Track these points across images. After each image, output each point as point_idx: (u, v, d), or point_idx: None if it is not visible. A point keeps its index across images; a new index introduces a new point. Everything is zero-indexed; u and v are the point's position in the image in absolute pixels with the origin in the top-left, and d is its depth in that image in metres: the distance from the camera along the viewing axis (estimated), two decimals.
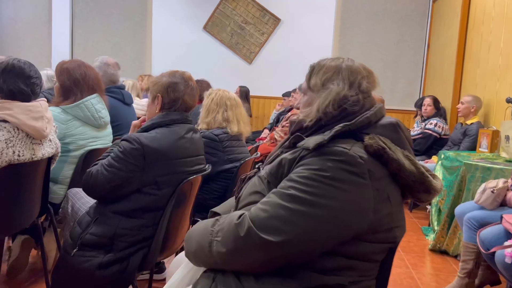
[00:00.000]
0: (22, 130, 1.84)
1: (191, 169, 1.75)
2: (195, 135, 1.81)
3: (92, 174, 1.65)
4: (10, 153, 1.79)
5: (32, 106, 1.86)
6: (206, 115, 2.38)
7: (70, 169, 2.34)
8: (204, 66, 6.59)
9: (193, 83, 1.79)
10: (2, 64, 1.84)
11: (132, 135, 1.62)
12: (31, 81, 1.87)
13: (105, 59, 2.97)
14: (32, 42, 6.95)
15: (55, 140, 2.07)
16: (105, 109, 2.49)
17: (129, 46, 6.87)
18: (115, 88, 2.96)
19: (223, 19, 6.84)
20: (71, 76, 2.36)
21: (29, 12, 6.90)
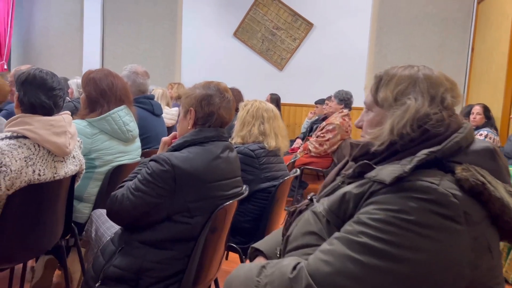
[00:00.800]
0: (43, 147, 1.68)
1: (227, 194, 1.54)
2: (232, 154, 1.60)
3: (117, 198, 1.47)
4: (30, 172, 1.64)
5: (54, 120, 1.71)
6: (241, 128, 2.17)
7: (95, 186, 2.18)
8: (234, 74, 6.43)
9: (229, 95, 1.59)
10: (23, 75, 1.70)
11: (162, 155, 1.43)
12: (53, 93, 1.71)
13: (133, 68, 2.82)
14: (64, 51, 6.97)
15: (79, 157, 1.91)
16: (133, 121, 2.33)
17: (158, 54, 6.79)
18: (144, 98, 2.80)
19: (253, 25, 6.67)
20: (98, 87, 2.21)
21: (62, 21, 6.93)
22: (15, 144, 1.61)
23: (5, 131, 1.67)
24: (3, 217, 1.65)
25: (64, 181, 1.83)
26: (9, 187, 1.59)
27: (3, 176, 1.55)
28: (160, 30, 6.77)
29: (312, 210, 0.99)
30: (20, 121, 1.66)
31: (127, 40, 6.84)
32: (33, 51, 7.08)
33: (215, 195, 1.49)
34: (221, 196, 1.51)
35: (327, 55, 6.40)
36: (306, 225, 0.97)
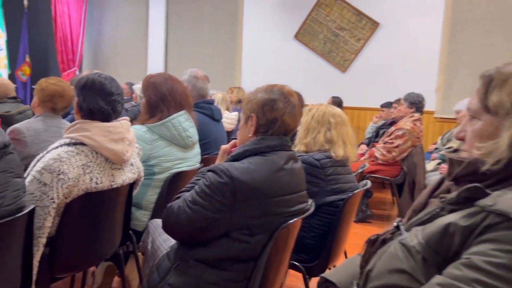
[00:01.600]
0: (101, 154, 1.63)
1: (291, 210, 1.38)
2: (296, 165, 1.44)
3: (173, 211, 1.36)
4: (87, 180, 1.59)
5: (112, 126, 1.65)
6: (305, 134, 1.99)
7: (154, 193, 2.12)
8: (294, 77, 6.26)
9: (294, 100, 1.43)
10: (82, 79, 1.66)
11: (221, 166, 1.30)
12: (112, 98, 1.66)
13: (194, 72, 2.76)
14: (129, 57, 7.23)
15: (137, 164, 1.85)
16: (193, 127, 2.25)
17: (219, 58, 6.81)
18: (204, 103, 2.73)
19: (315, 26, 6.46)
20: (158, 91, 2.15)
21: (128, 29, 7.19)
22: (73, 151, 1.57)
23: (64, 137, 1.64)
24: (62, 225, 1.61)
25: (121, 189, 1.77)
26: (67, 195, 1.55)
27: (61, 184, 1.51)
28: (221, 34, 6.78)
29: (401, 242, 0.80)
30: (79, 127, 1.62)
31: (189, 46, 6.93)
32: (102, 58, 7.42)
33: (277, 211, 1.33)
34: (284, 213, 1.35)
35: (394, 56, 6.03)
36: (393, 260, 0.78)
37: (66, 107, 2.39)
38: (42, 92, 2.35)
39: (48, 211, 1.51)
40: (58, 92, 2.32)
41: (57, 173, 1.50)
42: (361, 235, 3.65)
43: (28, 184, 1.52)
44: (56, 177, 1.50)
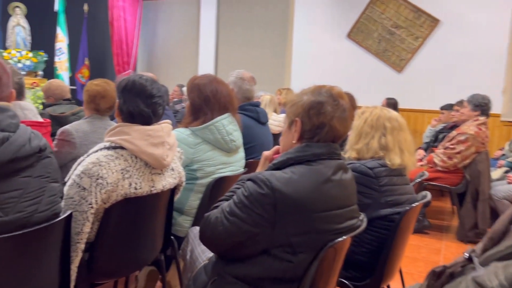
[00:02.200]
0: (140, 159, 1.58)
1: (339, 227, 1.23)
2: (346, 176, 1.29)
3: (211, 221, 1.26)
4: (126, 185, 1.54)
5: (152, 130, 1.59)
6: (356, 140, 1.83)
7: (196, 198, 2.05)
8: (347, 77, 6.03)
9: (344, 103, 1.28)
10: (123, 81, 1.62)
11: (261, 175, 1.18)
12: (152, 100, 1.60)
13: (240, 74, 2.68)
14: (181, 59, 7.34)
15: (178, 169, 1.78)
16: (237, 130, 2.16)
17: (269, 59, 6.72)
18: (249, 105, 2.63)
19: (369, 24, 6.18)
20: (202, 94, 2.08)
21: (180, 31, 7.30)
22: (112, 155, 1.52)
23: (105, 140, 1.61)
24: (101, 231, 1.58)
25: (162, 194, 1.71)
26: (105, 200, 1.51)
27: (100, 189, 1.47)
28: (271, 35, 6.69)
29: (476, 280, 0.64)
30: (119, 131, 1.57)
31: (239, 47, 6.91)
32: (155, 60, 7.59)
33: (324, 228, 1.19)
34: (331, 230, 1.21)
35: (456, 54, 5.62)
36: None
37: (109, 108, 2.39)
38: (86, 93, 2.37)
39: (86, 217, 1.47)
40: (100, 93, 2.32)
41: (96, 177, 1.47)
42: (416, 247, 3.39)
43: (68, 188, 1.49)
44: (95, 181, 1.46)
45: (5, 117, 1.13)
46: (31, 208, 1.17)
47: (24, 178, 1.16)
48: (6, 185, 1.11)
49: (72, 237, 1.46)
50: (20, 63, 6.94)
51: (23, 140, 1.14)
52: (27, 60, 7.01)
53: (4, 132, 1.11)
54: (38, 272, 1.26)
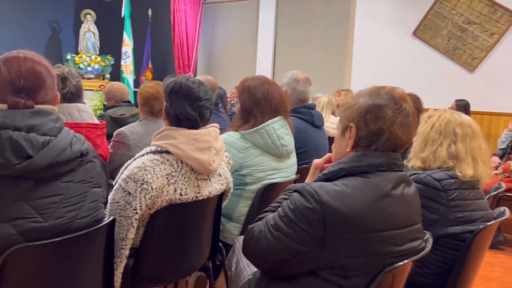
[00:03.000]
0: (186, 164, 1.52)
1: (399, 249, 1.07)
2: (409, 190, 1.13)
3: (254, 234, 1.17)
4: (171, 191, 1.49)
5: (198, 134, 1.53)
6: (422, 147, 1.63)
7: (246, 205, 1.97)
8: (412, 78, 5.67)
9: (408, 106, 1.12)
10: (170, 84, 1.57)
11: (309, 186, 1.06)
12: (199, 103, 1.54)
13: (294, 74, 2.56)
14: (239, 61, 7.34)
15: (225, 175, 1.71)
16: (289, 134, 2.05)
17: (329, 59, 6.51)
18: (303, 107, 2.51)
19: (438, 21, 5.76)
20: (252, 96, 2.00)
21: (239, 32, 7.31)
22: (158, 160, 1.48)
23: (151, 144, 1.57)
24: (146, 237, 1.55)
25: (209, 200, 1.65)
26: (150, 206, 1.47)
27: (144, 195, 1.43)
28: (332, 34, 6.47)
29: None
30: (165, 135, 1.53)
31: (297, 47, 6.77)
32: (214, 62, 7.68)
33: (381, 250, 1.04)
34: (390, 253, 1.05)
35: None
36: None
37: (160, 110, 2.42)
38: (140, 96, 2.40)
39: (131, 222, 1.44)
40: (153, 95, 2.35)
41: (141, 182, 1.43)
42: (490, 265, 3.06)
43: (114, 192, 1.47)
44: (140, 186, 1.43)
45: (47, 121, 1.12)
46: (72, 214, 1.14)
47: (65, 183, 1.14)
48: (46, 190, 1.10)
49: (116, 243, 1.44)
50: (90, 67, 7.35)
51: (64, 144, 1.12)
52: (96, 64, 7.41)
53: (45, 136, 1.10)
54: (80, 279, 1.24)
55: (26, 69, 1.12)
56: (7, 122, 1.04)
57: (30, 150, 1.05)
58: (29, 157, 1.05)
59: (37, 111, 1.11)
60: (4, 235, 1.03)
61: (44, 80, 1.15)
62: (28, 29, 7.33)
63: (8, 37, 6.97)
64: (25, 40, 7.25)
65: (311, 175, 1.31)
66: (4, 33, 6.91)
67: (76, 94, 2.20)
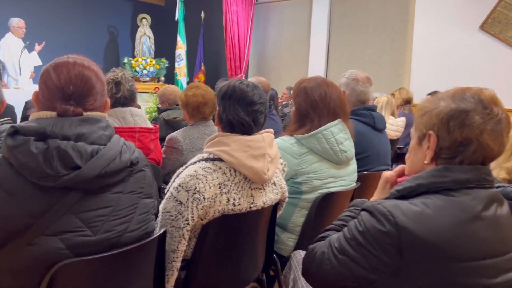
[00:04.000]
0: (239, 172, 1.42)
1: (492, 283, 0.89)
2: (502, 211, 0.94)
3: (316, 256, 1.04)
4: (224, 201, 1.40)
5: (252, 141, 1.43)
6: (507, 156, 1.42)
7: (301, 215, 1.85)
8: (479, 76, 5.24)
9: (500, 111, 0.94)
10: (223, 87, 1.49)
11: (380, 206, 0.92)
12: (253, 108, 1.44)
13: (353, 74, 2.39)
14: (291, 61, 7.20)
15: (280, 183, 1.59)
16: (349, 139, 1.90)
17: (386, 57, 6.19)
18: (364, 109, 2.33)
19: (509, 13, 5.28)
20: (309, 98, 1.87)
21: (291, 32, 7.17)
22: (210, 168, 1.40)
23: (203, 151, 1.49)
24: (198, 248, 1.47)
25: (263, 211, 1.54)
26: (202, 216, 1.39)
27: (196, 205, 1.35)
28: (389, 31, 6.15)
29: None
30: (217, 141, 1.44)
31: (352, 46, 6.51)
32: (266, 63, 7.60)
33: (469, 283, 0.87)
34: (480, 286, 0.88)
35: None
36: None
37: (213, 110, 2.43)
38: (187, 107, 2.39)
39: (182, 234, 1.37)
40: (201, 103, 2.36)
41: (193, 191, 1.35)
42: None
43: (166, 201, 1.41)
44: (192, 196, 1.35)
45: (96, 129, 1.06)
46: (121, 227, 1.08)
47: (115, 194, 1.08)
48: (95, 202, 1.04)
49: (167, 255, 1.37)
50: (145, 70, 7.55)
51: (113, 153, 1.06)
52: (151, 67, 7.60)
53: (94, 145, 1.04)
54: None
55: (75, 74, 1.07)
56: (56, 130, 1.00)
57: (79, 160, 0.99)
58: (77, 167, 1.00)
59: (86, 119, 1.06)
60: (53, 249, 0.98)
61: (93, 86, 1.10)
62: (88, 34, 7.67)
63: (69, 42, 7.33)
64: (85, 45, 7.59)
65: (380, 190, 1.16)
66: (66, 39, 7.26)
67: (130, 98, 2.19)
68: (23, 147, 0.96)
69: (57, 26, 7.15)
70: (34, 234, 0.97)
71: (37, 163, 0.95)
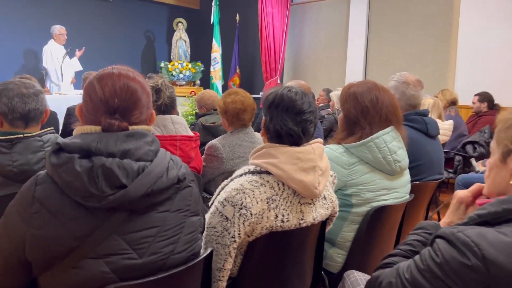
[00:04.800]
0: (288, 186, 1.33)
1: None
2: None
3: (381, 286, 0.93)
4: (272, 217, 1.31)
5: (302, 152, 1.33)
6: None
7: (351, 230, 1.73)
8: None
9: None
10: (270, 95, 1.40)
11: (462, 234, 0.79)
12: (303, 117, 1.34)
13: (403, 77, 2.24)
14: (328, 62, 7.03)
15: (331, 197, 1.49)
16: (402, 148, 1.76)
17: (428, 56, 5.91)
18: (415, 114, 2.18)
19: None
20: (359, 104, 1.75)
21: (328, 33, 7.01)
22: (257, 182, 1.31)
23: (249, 162, 1.41)
24: (244, 265, 1.39)
25: (312, 227, 1.44)
26: (249, 233, 1.31)
27: (243, 221, 1.27)
28: (432, 29, 5.87)
29: None
30: (265, 153, 1.36)
31: (392, 45, 6.27)
32: (301, 64, 7.46)
33: None
34: None
35: None
36: None
37: (252, 116, 2.40)
38: (226, 114, 2.33)
39: (228, 251, 1.29)
40: (240, 109, 2.31)
41: (239, 207, 1.27)
42: None
43: (211, 216, 1.34)
44: (238, 211, 1.27)
45: (142, 144, 1.00)
46: (168, 248, 1.01)
47: (161, 214, 1.02)
48: (141, 222, 0.98)
49: (213, 273, 1.30)
50: (181, 74, 7.60)
51: (160, 170, 1.00)
52: (187, 70, 7.64)
53: (140, 161, 0.98)
54: None
55: (120, 86, 1.01)
56: (101, 147, 0.94)
57: (124, 179, 0.93)
58: (123, 186, 0.93)
59: (132, 134, 0.99)
60: (98, 273, 0.92)
61: (139, 98, 1.04)
62: (126, 39, 7.81)
63: (109, 47, 7.50)
64: (123, 50, 7.75)
65: (453, 211, 1.03)
66: (104, 44, 7.43)
67: (170, 106, 2.15)
68: (67, 166, 0.91)
69: (96, 32, 7.33)
70: (79, 257, 0.92)
71: (82, 182, 0.90)
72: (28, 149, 1.58)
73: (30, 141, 1.60)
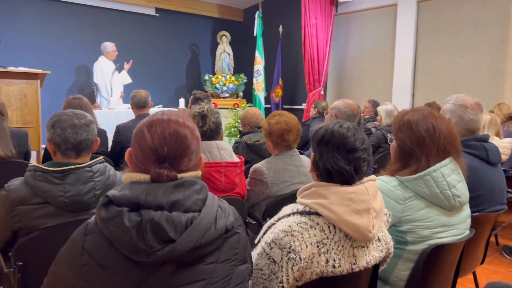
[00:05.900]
0: (340, 229, 1.26)
1: None
2: None
3: None
4: (323, 262, 1.24)
5: (354, 193, 1.26)
6: None
7: (406, 268, 1.62)
8: None
9: None
10: (320, 131, 1.33)
11: None
12: (355, 155, 1.27)
13: (460, 99, 2.10)
14: (375, 73, 6.84)
15: (385, 238, 1.39)
16: (462, 181, 1.64)
17: (482, 66, 5.59)
18: (474, 140, 2.04)
19: None
20: (414, 134, 1.64)
21: (374, 43, 6.82)
22: (307, 223, 1.25)
23: (297, 201, 1.35)
24: None
25: (365, 271, 1.36)
26: (298, 278, 1.25)
27: (291, 265, 1.21)
28: (486, 38, 5.55)
29: None
30: (314, 192, 1.29)
31: (442, 55, 5.98)
32: (346, 75, 7.31)
33: None
34: None
35: None
36: None
37: (297, 136, 2.35)
38: (271, 135, 2.29)
39: None
40: (285, 130, 2.29)
41: (288, 250, 1.22)
42: None
43: (258, 257, 1.29)
44: (286, 255, 1.22)
45: (191, 193, 0.97)
46: None
47: (209, 265, 0.98)
48: (188, 276, 0.95)
49: None
50: (225, 86, 7.67)
51: (208, 221, 0.96)
52: (230, 83, 7.70)
53: (188, 212, 0.95)
54: None
55: (169, 133, 0.99)
56: (149, 199, 0.92)
57: (172, 233, 0.91)
58: (171, 240, 0.91)
59: (181, 183, 0.97)
60: None
61: (189, 145, 1.01)
62: (171, 52, 8.01)
63: (155, 61, 7.72)
64: (169, 63, 7.95)
65: None
66: (151, 57, 7.66)
67: (216, 131, 2.14)
68: (116, 220, 0.89)
69: (143, 46, 7.56)
70: None
71: (130, 237, 0.88)
72: (79, 180, 1.61)
73: (81, 172, 1.63)
